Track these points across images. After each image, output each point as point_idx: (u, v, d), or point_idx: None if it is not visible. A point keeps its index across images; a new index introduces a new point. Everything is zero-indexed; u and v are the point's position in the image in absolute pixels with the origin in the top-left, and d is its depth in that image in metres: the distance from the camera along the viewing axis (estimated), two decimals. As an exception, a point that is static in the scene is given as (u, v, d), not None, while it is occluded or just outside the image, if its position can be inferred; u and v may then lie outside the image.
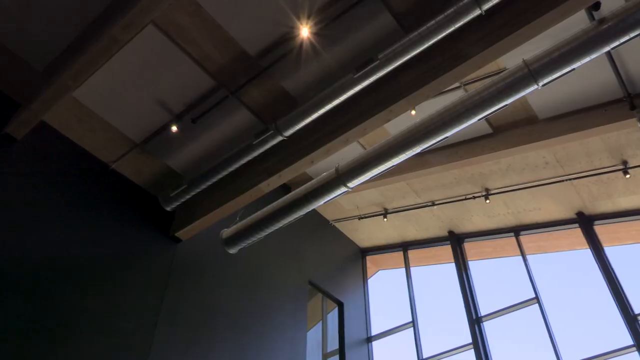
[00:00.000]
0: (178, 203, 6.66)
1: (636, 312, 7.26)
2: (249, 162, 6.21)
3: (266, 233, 6.31)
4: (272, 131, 5.63)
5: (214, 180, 6.23)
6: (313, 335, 8.69)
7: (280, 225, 6.19)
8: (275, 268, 8.23)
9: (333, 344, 9.10)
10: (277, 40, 5.34)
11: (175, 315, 6.21)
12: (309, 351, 8.19)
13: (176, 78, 5.73)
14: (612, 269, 7.85)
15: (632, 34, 4.16)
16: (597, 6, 4.64)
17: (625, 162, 7.34)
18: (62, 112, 5.90)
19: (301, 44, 5.21)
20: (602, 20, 4.25)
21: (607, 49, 4.30)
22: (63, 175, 5.98)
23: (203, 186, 6.32)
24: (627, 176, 7.39)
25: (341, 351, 9.01)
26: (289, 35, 5.21)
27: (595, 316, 8.12)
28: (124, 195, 6.57)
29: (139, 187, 6.83)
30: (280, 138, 5.69)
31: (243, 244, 6.51)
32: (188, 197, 6.52)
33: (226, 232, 6.65)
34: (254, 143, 5.79)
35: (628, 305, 7.36)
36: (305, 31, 5.01)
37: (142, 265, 6.25)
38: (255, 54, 5.49)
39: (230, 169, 6.09)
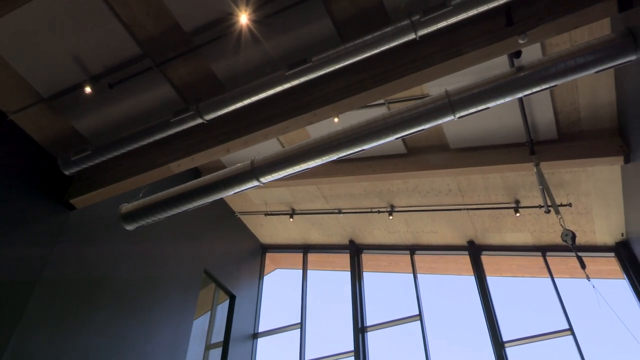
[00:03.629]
0: (79, 168, 6.25)
1: (504, 339, 7.88)
2: (162, 139, 5.98)
3: (168, 214, 6.11)
4: (192, 112, 5.46)
5: (123, 151, 5.92)
6: (199, 325, 8.52)
7: (185, 209, 6.02)
8: (172, 251, 7.99)
9: (218, 336, 8.99)
10: (215, 21, 5.19)
11: (55, 285, 5.81)
12: (193, 340, 8.02)
13: (99, 38, 5.37)
14: (490, 297, 8.47)
15: (544, 86, 4.54)
16: (518, 54, 5.01)
17: (517, 202, 7.95)
18: (-38, 49, 5.35)
19: (240, 31, 5.11)
20: (520, 68, 4.59)
21: (520, 95, 4.65)
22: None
23: (109, 155, 5.98)
24: (517, 214, 8.00)
25: (225, 344, 8.93)
26: (228, 19, 5.09)
27: (469, 339, 8.70)
28: (18, 151, 6.06)
29: (37, 144, 6.34)
30: (199, 120, 5.53)
31: (142, 222, 6.26)
32: (91, 164, 6.14)
33: (125, 207, 6.36)
34: (171, 121, 5.57)
35: (498, 333, 7.97)
36: (244, 18, 4.92)
37: (26, 227, 5.78)
38: (190, 30, 5.30)
39: (142, 143, 5.82)
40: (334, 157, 5.25)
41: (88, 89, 5.58)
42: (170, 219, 6.34)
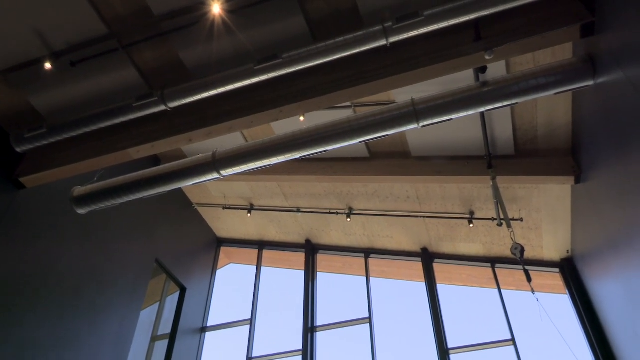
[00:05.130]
0: (32, 146, 6.00)
1: (449, 346, 8.06)
2: (123, 123, 5.82)
3: (123, 201, 5.96)
4: (156, 98, 5.34)
5: (80, 132, 5.73)
6: (147, 315, 8.35)
7: (141, 196, 5.88)
8: (124, 238, 7.79)
9: (165, 328, 8.83)
10: (187, 8, 5.09)
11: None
12: (139, 330, 7.85)
13: (64, 14, 5.18)
14: (439, 304, 8.64)
15: (506, 103, 4.67)
16: (483, 69, 5.13)
17: (472, 213, 8.14)
18: None
19: (212, 21, 5.03)
20: (484, 83, 4.71)
21: (482, 109, 4.77)
22: None
23: (66, 135, 5.77)
24: (471, 225, 8.19)
25: (172, 336, 8.78)
26: (200, 7, 5.01)
27: (416, 344, 8.85)
28: (-33, 122, 5.80)
29: (-12, 117, 6.08)
30: (163, 107, 5.42)
31: (95, 207, 6.07)
32: (46, 142, 5.91)
33: (78, 190, 6.16)
34: (133, 105, 5.43)
35: (444, 339, 8.14)
36: (216, 7, 4.85)
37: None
38: (160, 14, 5.17)
39: (101, 125, 5.64)
40: (296, 155, 5.25)
41: (48, 65, 5.38)
42: (124, 205, 6.19)
